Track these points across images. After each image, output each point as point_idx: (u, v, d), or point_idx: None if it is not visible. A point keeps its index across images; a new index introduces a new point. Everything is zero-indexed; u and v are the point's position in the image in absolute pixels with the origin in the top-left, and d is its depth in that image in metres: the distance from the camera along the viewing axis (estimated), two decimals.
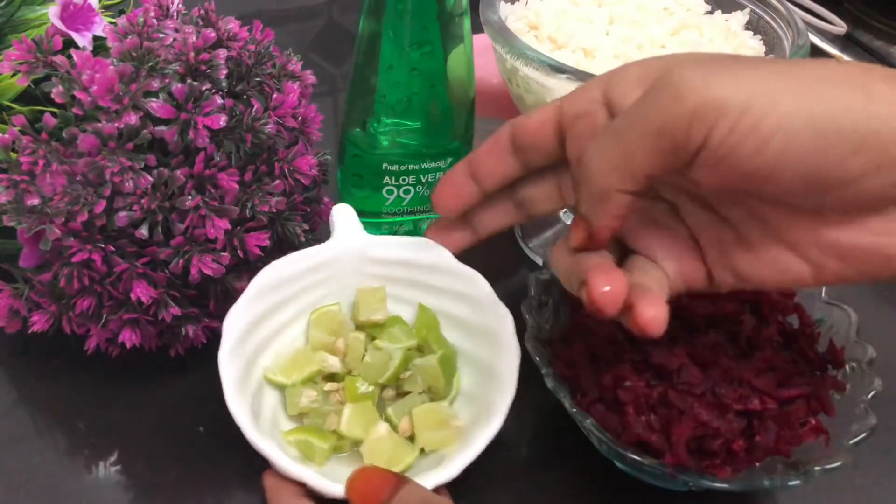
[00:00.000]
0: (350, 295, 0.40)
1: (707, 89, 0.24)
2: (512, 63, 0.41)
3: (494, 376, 0.36)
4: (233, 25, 0.39)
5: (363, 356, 0.38)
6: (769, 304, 0.40)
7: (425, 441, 0.36)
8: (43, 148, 0.35)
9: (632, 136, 0.26)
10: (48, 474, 0.39)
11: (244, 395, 0.35)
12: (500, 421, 0.34)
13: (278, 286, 0.38)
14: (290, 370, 0.37)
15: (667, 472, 0.34)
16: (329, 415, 0.36)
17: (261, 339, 0.37)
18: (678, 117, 0.25)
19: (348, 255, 0.39)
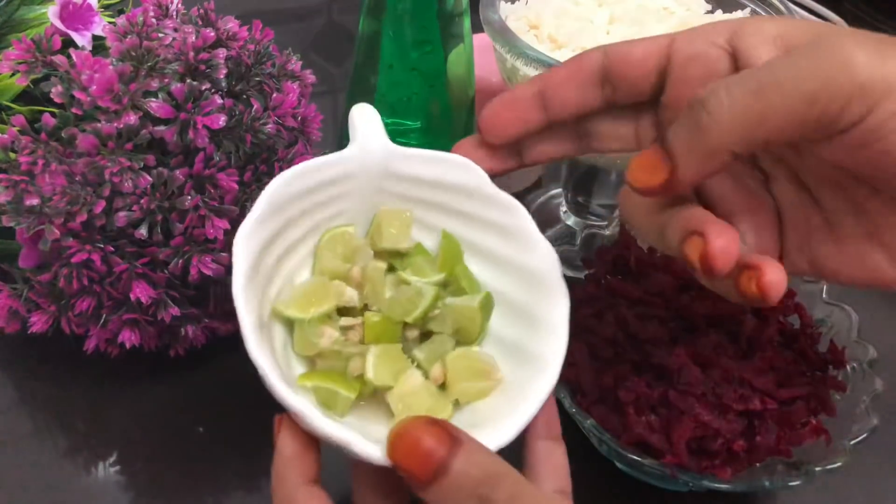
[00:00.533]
0: (364, 215, 0.34)
1: (882, 67, 0.22)
2: (512, 63, 0.41)
3: (537, 323, 0.30)
4: (232, 25, 0.39)
5: (383, 289, 0.33)
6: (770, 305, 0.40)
7: (460, 393, 0.30)
8: (42, 148, 0.35)
9: (776, 96, 0.23)
10: (48, 474, 0.39)
11: (263, 336, 0.29)
12: (555, 374, 0.28)
13: (289, 203, 0.31)
14: (305, 304, 0.31)
15: (667, 472, 0.34)
16: (352, 358, 0.30)
17: (270, 264, 0.31)
18: (840, 88, 0.22)
19: (368, 168, 0.33)
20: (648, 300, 0.40)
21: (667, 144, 0.25)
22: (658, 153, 0.25)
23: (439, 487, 0.23)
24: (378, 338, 0.31)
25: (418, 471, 0.24)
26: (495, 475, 0.24)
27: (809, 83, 0.23)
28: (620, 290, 0.41)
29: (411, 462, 0.24)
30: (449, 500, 0.24)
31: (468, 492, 0.23)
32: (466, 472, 0.23)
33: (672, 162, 0.25)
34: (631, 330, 0.39)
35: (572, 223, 0.55)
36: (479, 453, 0.24)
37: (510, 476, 0.24)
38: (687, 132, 0.24)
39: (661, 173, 0.25)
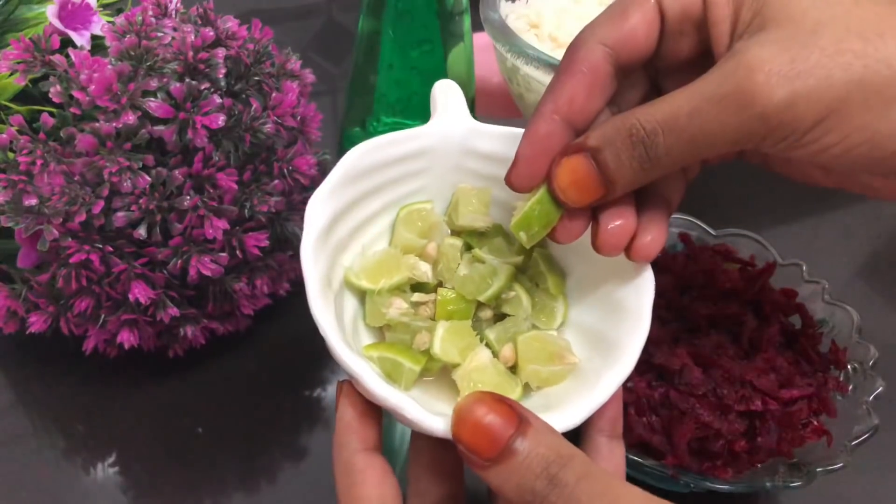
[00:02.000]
0: (444, 192, 0.34)
1: (786, 105, 0.24)
2: (512, 62, 0.41)
3: (618, 309, 0.29)
4: (231, 24, 0.39)
5: (457, 267, 0.32)
6: (771, 305, 0.40)
7: (531, 376, 0.29)
8: (41, 148, 0.35)
9: (705, 139, 0.25)
10: (47, 475, 0.39)
11: (328, 300, 0.28)
12: (632, 361, 0.27)
13: (366, 173, 0.31)
14: (376, 274, 0.31)
15: (668, 473, 0.34)
16: (420, 331, 0.30)
17: (344, 233, 0.31)
18: (752, 132, 0.25)
19: (449, 144, 0.33)
20: None
21: (605, 169, 0.26)
22: (594, 178, 0.27)
23: (505, 468, 0.23)
24: (450, 315, 0.31)
25: (484, 449, 0.23)
26: (566, 455, 0.23)
27: (729, 132, 0.25)
28: None
29: (477, 439, 0.23)
30: (515, 479, 0.23)
31: (537, 472, 0.23)
32: (536, 452, 0.23)
33: (610, 187, 0.27)
34: None
35: None
36: (547, 434, 0.24)
37: (580, 456, 0.24)
38: (629, 165, 0.26)
39: (595, 194, 0.27)
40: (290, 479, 0.40)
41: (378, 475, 0.26)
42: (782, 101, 0.24)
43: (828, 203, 0.59)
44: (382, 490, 0.25)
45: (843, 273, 0.53)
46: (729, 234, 0.45)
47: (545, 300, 0.32)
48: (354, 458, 0.26)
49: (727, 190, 0.60)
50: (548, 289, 0.32)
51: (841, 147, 0.25)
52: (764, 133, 0.24)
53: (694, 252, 0.43)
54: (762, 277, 0.41)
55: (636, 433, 0.36)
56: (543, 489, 0.23)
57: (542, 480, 0.23)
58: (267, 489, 0.39)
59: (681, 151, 0.26)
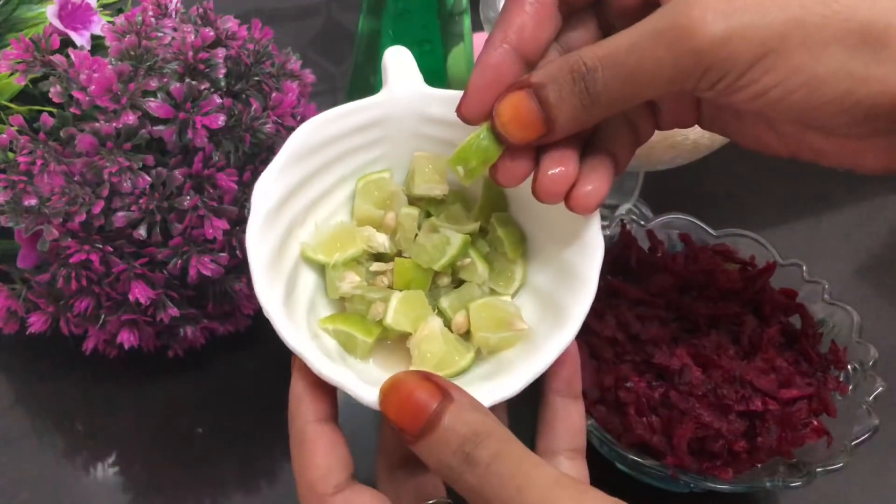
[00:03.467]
0: (403, 160, 0.34)
1: (721, 40, 0.24)
2: None
3: (569, 275, 0.30)
4: (231, 24, 0.39)
5: (416, 235, 0.33)
6: (771, 305, 0.40)
7: (482, 342, 0.30)
8: (41, 148, 0.35)
9: (642, 75, 0.25)
10: (46, 475, 0.39)
11: (277, 278, 0.29)
12: (574, 329, 0.28)
13: (319, 148, 0.31)
14: (331, 248, 0.32)
15: (668, 473, 0.34)
16: (374, 303, 0.30)
17: (298, 209, 0.31)
18: (688, 70, 0.25)
19: (404, 111, 0.32)
20: (649, 300, 0.40)
21: (547, 106, 0.26)
22: (535, 114, 0.27)
23: (427, 442, 0.24)
24: (407, 284, 0.31)
25: (408, 424, 0.24)
26: (482, 433, 0.24)
27: (665, 69, 0.25)
28: (621, 291, 0.40)
29: (402, 415, 0.24)
30: (434, 454, 0.24)
31: (453, 448, 0.24)
32: (453, 428, 0.24)
33: (551, 125, 0.27)
34: (632, 330, 0.39)
35: None
36: (468, 410, 0.24)
37: (496, 434, 0.24)
38: (569, 102, 0.26)
39: (536, 131, 0.27)
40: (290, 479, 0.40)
41: (326, 444, 0.26)
42: (717, 37, 0.24)
43: (828, 203, 0.59)
44: (329, 460, 0.26)
45: (843, 273, 0.53)
46: (729, 234, 0.45)
47: (504, 264, 0.32)
48: (305, 429, 0.27)
49: (727, 190, 0.60)
50: (505, 253, 0.32)
51: (779, 91, 0.24)
52: (700, 71, 0.24)
53: (694, 252, 0.43)
54: (762, 277, 0.41)
55: (636, 433, 0.36)
56: (459, 465, 0.23)
57: (458, 457, 0.23)
58: (267, 489, 0.39)
59: (619, 88, 0.26)
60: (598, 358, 0.38)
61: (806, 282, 0.42)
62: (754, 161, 0.62)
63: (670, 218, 0.46)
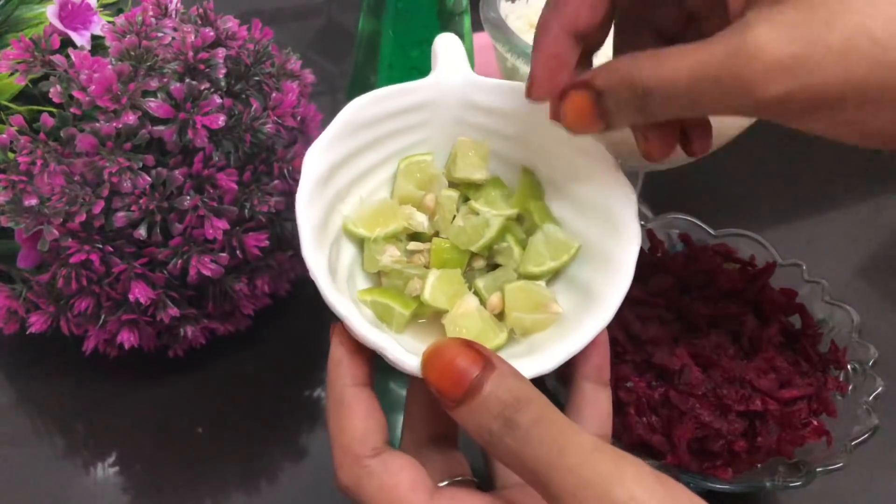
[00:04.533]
0: (445, 145, 0.34)
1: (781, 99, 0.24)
2: (512, 62, 0.41)
3: (605, 262, 0.30)
4: (231, 24, 0.39)
5: (454, 218, 0.33)
6: (771, 305, 0.40)
7: (515, 323, 0.30)
8: (41, 148, 0.35)
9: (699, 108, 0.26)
10: (47, 475, 0.39)
11: (322, 245, 0.30)
12: (610, 313, 0.28)
13: (366, 126, 0.32)
14: (373, 223, 0.32)
15: (668, 473, 0.34)
16: (412, 278, 0.31)
17: (342, 183, 0.32)
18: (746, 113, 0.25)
19: (449, 97, 0.33)
20: (649, 300, 0.40)
21: (604, 111, 0.27)
22: (594, 115, 0.28)
23: (468, 408, 0.24)
24: (443, 264, 0.32)
25: (450, 389, 0.24)
26: (524, 399, 0.24)
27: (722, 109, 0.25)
28: None
29: (444, 380, 0.25)
30: (475, 419, 0.24)
31: (495, 413, 0.24)
32: (495, 394, 0.24)
33: (608, 125, 0.28)
34: (632, 330, 0.39)
35: None
36: (510, 377, 0.25)
37: (537, 401, 0.24)
38: (625, 111, 0.27)
39: (594, 128, 0.28)
40: (290, 479, 0.40)
41: (365, 408, 0.27)
42: (778, 96, 0.24)
43: (828, 203, 0.59)
44: (368, 423, 0.27)
45: (842, 273, 0.53)
46: (729, 234, 0.45)
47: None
48: (344, 392, 0.27)
49: (727, 190, 0.60)
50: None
51: (822, 131, 0.25)
52: (754, 114, 0.25)
53: (694, 252, 0.43)
54: (762, 277, 0.41)
55: (636, 433, 0.36)
56: (499, 430, 0.24)
57: (499, 421, 0.24)
58: (267, 489, 0.39)
59: (675, 112, 0.26)
60: None
61: (806, 282, 0.42)
62: (754, 161, 0.62)
63: (670, 218, 0.46)
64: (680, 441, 0.35)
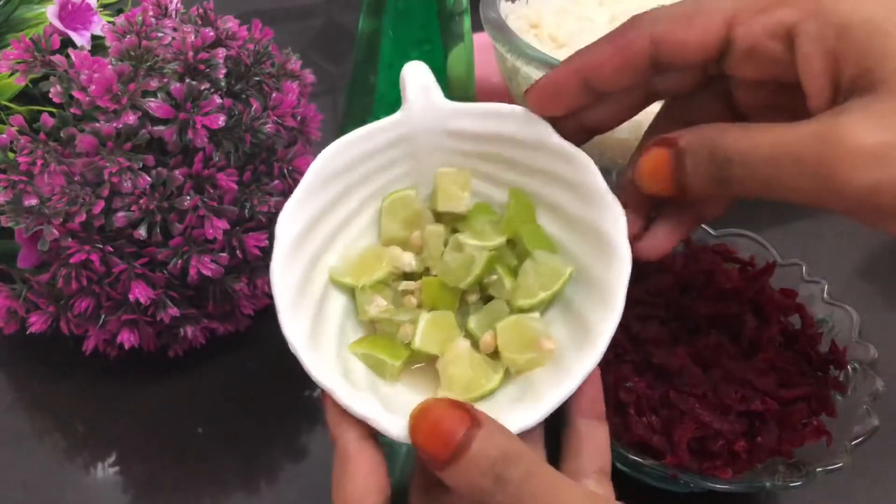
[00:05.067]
0: (428, 175, 0.33)
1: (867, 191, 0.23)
2: (512, 62, 0.41)
3: (596, 286, 0.30)
4: (231, 24, 0.39)
5: (442, 252, 0.32)
6: (771, 305, 0.40)
7: (510, 362, 0.30)
8: (41, 148, 0.35)
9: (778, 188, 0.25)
10: (47, 475, 0.39)
11: (304, 307, 0.29)
12: (601, 350, 0.28)
13: (339, 174, 0.31)
14: (359, 271, 0.31)
15: (668, 473, 0.34)
16: (402, 325, 0.30)
17: (324, 235, 0.31)
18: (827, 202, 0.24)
19: (424, 129, 0.32)
20: (649, 300, 0.40)
21: (682, 172, 0.27)
22: (670, 175, 0.27)
23: (457, 467, 0.24)
24: (435, 302, 0.31)
25: (438, 451, 0.24)
26: (513, 455, 0.24)
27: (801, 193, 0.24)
28: None
29: (431, 442, 0.24)
30: (465, 478, 0.24)
31: (484, 469, 0.24)
32: (483, 452, 0.24)
33: (681, 189, 0.27)
34: (632, 330, 0.39)
35: None
36: (498, 434, 0.24)
37: (526, 456, 0.24)
38: (703, 178, 0.27)
39: (668, 191, 0.28)
40: (290, 479, 0.40)
41: (367, 466, 0.26)
42: (865, 187, 0.22)
43: None
44: (367, 483, 0.26)
45: (842, 273, 0.53)
46: (729, 234, 0.45)
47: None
48: (347, 446, 0.27)
49: None
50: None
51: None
52: (838, 207, 0.24)
53: (694, 252, 0.43)
54: (762, 277, 0.41)
55: (636, 433, 0.36)
56: (490, 487, 0.24)
57: (489, 479, 0.24)
58: (267, 489, 0.39)
59: (753, 187, 0.25)
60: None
61: (805, 282, 0.42)
62: None
63: None
64: (680, 441, 0.35)
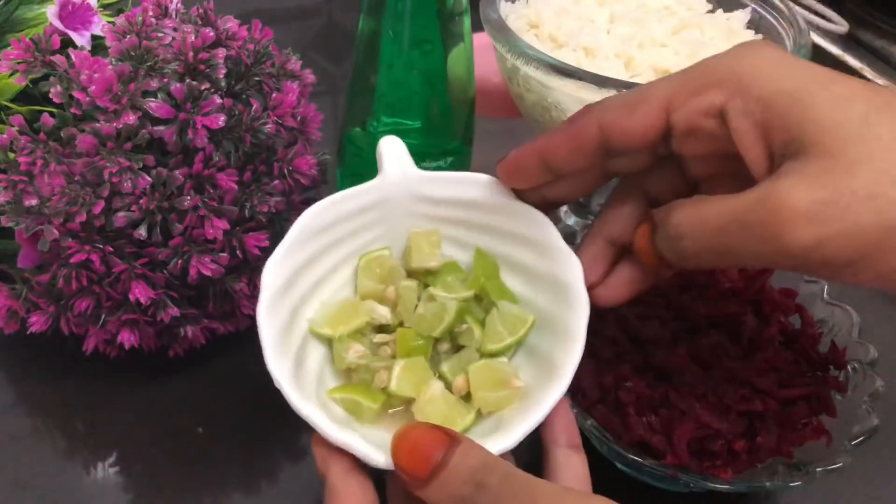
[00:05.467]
0: (401, 237, 0.36)
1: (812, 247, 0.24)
2: (512, 62, 0.41)
3: (559, 331, 0.32)
4: (232, 24, 0.39)
5: (416, 306, 0.35)
6: (771, 305, 0.40)
7: (481, 402, 0.32)
8: (41, 148, 0.35)
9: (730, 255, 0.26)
10: (47, 475, 0.39)
11: (286, 353, 0.31)
12: (565, 383, 0.30)
13: (322, 231, 0.34)
14: (337, 322, 0.34)
15: (668, 473, 0.34)
16: (378, 371, 0.33)
17: (304, 288, 0.34)
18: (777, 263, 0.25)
19: (398, 194, 0.35)
20: (649, 300, 0.40)
21: (655, 246, 0.29)
22: (650, 248, 0.30)
23: (438, 482, 0.25)
24: (409, 352, 0.33)
25: (418, 469, 0.26)
26: (491, 463, 0.26)
27: (752, 257, 0.26)
28: None
29: (412, 461, 0.26)
30: (446, 490, 0.25)
31: (465, 479, 0.25)
32: (465, 464, 0.25)
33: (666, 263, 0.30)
34: (631, 330, 0.39)
35: (572, 223, 0.55)
36: (476, 448, 0.26)
37: (504, 464, 0.26)
38: (668, 252, 0.29)
39: (654, 261, 0.30)
40: (290, 479, 0.40)
41: (357, 496, 0.28)
42: (808, 243, 0.24)
43: None
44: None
45: None
46: None
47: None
48: (335, 482, 0.28)
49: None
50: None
51: (872, 282, 0.25)
52: (789, 265, 0.25)
53: None
54: (762, 277, 0.41)
55: (636, 433, 0.36)
56: (471, 494, 0.25)
57: (470, 486, 0.25)
58: (267, 489, 0.39)
59: (708, 259, 0.27)
60: (598, 358, 0.38)
61: (805, 282, 0.42)
62: None
63: None
64: (680, 441, 0.35)
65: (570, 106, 0.40)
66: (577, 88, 0.38)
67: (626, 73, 0.42)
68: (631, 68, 0.43)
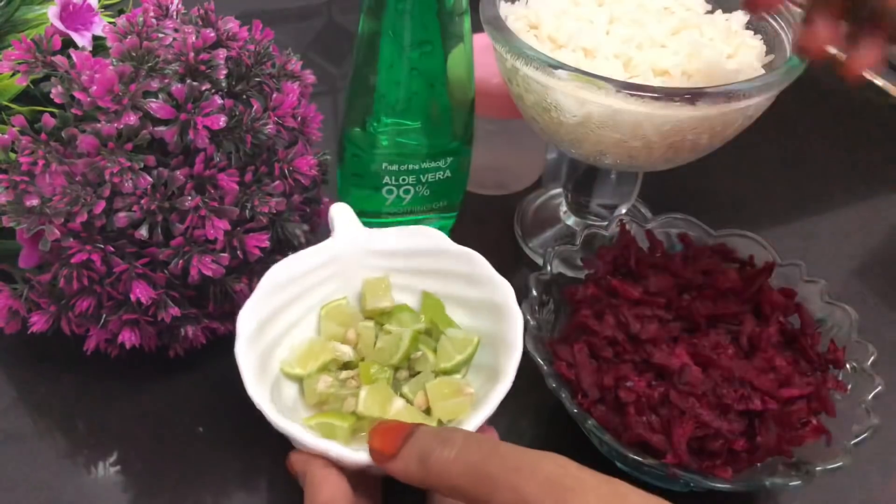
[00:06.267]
0: (356, 287, 0.42)
1: None
2: (512, 63, 0.41)
3: (500, 343, 0.37)
4: (232, 25, 0.39)
5: (374, 343, 0.40)
6: (770, 305, 0.40)
7: (441, 411, 0.37)
8: (42, 148, 0.35)
9: None
10: (47, 474, 0.39)
11: (263, 381, 0.36)
12: (508, 381, 0.35)
13: (287, 284, 0.39)
14: (306, 361, 0.39)
15: (668, 472, 0.34)
16: (346, 398, 0.37)
17: (275, 335, 0.39)
18: None
19: (350, 251, 0.41)
20: (649, 300, 0.40)
21: None
22: None
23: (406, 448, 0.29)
24: (372, 380, 0.38)
25: (390, 444, 0.30)
26: (454, 428, 0.30)
27: None
28: (620, 291, 0.41)
29: (385, 439, 0.30)
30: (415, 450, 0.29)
31: (430, 436, 0.29)
32: (428, 429, 0.30)
33: None
34: (631, 330, 0.39)
35: (572, 223, 0.55)
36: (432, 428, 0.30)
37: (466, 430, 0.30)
38: None
39: None
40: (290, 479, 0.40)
41: (332, 483, 0.32)
42: None
43: (827, 203, 0.60)
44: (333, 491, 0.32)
45: (841, 273, 0.53)
46: (728, 234, 0.45)
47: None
48: (315, 472, 0.32)
49: (727, 190, 0.60)
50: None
51: None
52: None
53: (693, 252, 0.43)
54: (761, 277, 0.41)
55: (636, 432, 0.36)
56: (438, 447, 0.28)
57: (436, 441, 0.29)
58: (267, 489, 0.39)
59: None
60: (598, 358, 0.38)
61: (805, 282, 0.43)
62: (754, 161, 0.62)
63: (669, 218, 0.46)
64: (679, 440, 0.35)
65: (570, 106, 0.40)
66: (577, 89, 0.38)
67: (625, 74, 0.42)
68: (630, 69, 0.43)
